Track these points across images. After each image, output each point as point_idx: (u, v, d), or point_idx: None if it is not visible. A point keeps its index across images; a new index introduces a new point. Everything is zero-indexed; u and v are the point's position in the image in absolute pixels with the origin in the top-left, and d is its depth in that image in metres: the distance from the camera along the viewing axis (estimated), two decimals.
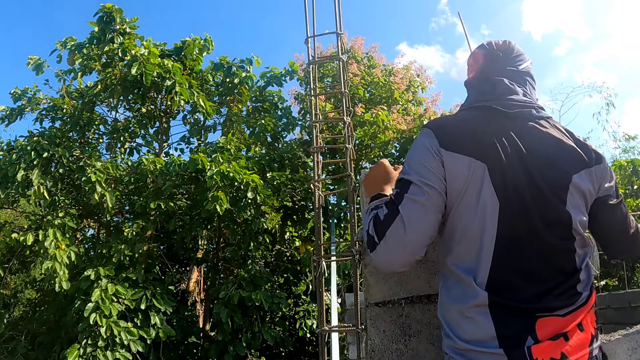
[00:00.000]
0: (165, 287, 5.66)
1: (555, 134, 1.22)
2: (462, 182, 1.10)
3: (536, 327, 1.04)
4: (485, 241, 1.08)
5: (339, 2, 1.98)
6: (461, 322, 1.08)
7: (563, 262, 1.12)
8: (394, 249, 1.11)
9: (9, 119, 6.62)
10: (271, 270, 7.18)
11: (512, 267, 1.08)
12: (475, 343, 1.05)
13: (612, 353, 1.85)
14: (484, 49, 1.35)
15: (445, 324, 1.14)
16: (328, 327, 3.35)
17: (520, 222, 1.09)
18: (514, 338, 1.03)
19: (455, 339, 1.09)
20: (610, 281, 7.71)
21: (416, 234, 1.09)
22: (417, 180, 1.11)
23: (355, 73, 8.04)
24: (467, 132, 1.15)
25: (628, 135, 12.88)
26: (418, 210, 1.10)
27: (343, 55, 1.98)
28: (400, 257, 1.12)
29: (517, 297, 1.06)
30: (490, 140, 1.13)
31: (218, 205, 5.30)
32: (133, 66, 5.67)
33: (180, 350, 6.07)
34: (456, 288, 1.12)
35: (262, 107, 7.36)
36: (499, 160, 1.11)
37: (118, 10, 6.08)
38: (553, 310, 1.07)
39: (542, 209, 1.11)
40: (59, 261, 5.08)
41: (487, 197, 1.09)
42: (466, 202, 1.10)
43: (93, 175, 5.43)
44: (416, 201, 1.10)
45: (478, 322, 1.06)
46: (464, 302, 1.08)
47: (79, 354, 4.67)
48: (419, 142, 1.18)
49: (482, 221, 1.08)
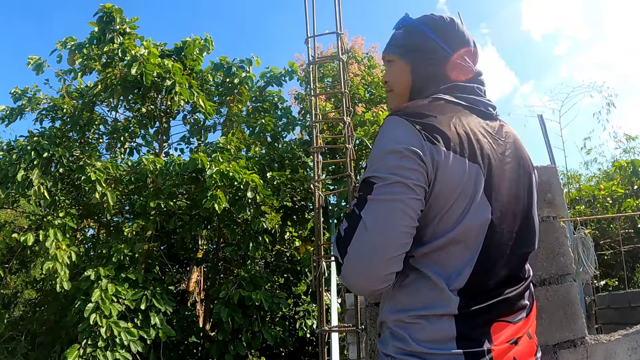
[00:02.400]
0: (165, 287, 5.66)
1: (513, 135, 1.18)
2: (454, 185, 0.98)
3: (491, 331, 1.00)
4: (472, 251, 1.00)
5: (339, 2, 1.98)
6: (421, 322, 0.99)
7: (521, 270, 1.10)
8: (359, 265, 0.95)
9: (9, 118, 6.62)
10: (271, 270, 7.18)
11: (486, 275, 1.01)
12: (432, 344, 0.98)
13: (612, 353, 1.86)
14: None
15: (396, 326, 1.03)
16: (328, 327, 3.35)
17: (504, 230, 1.03)
18: (472, 339, 0.98)
19: (408, 340, 0.99)
20: (610, 281, 7.71)
21: (386, 239, 0.93)
22: (384, 177, 0.96)
23: (356, 73, 8.04)
24: (453, 127, 1.02)
25: (628, 136, 12.88)
26: (386, 210, 0.94)
27: (343, 55, 1.98)
28: (371, 272, 0.94)
29: (484, 299, 1.01)
30: (475, 139, 1.04)
31: (216, 204, 5.30)
32: (133, 66, 5.67)
33: (180, 351, 6.07)
34: (424, 293, 1.01)
35: (262, 107, 7.36)
36: (488, 162, 1.03)
37: (118, 10, 6.08)
38: (507, 316, 1.04)
39: (521, 216, 1.08)
40: (59, 261, 5.08)
41: (480, 204, 0.99)
42: (457, 209, 0.99)
43: (93, 174, 5.43)
44: (383, 200, 0.94)
45: (439, 323, 0.98)
46: (431, 308, 0.99)
47: (79, 354, 4.67)
48: (405, 138, 1.00)
49: (473, 230, 0.99)
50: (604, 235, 7.68)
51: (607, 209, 7.89)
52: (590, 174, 13.26)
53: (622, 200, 7.75)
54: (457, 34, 1.20)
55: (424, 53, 1.21)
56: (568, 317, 1.79)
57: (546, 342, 1.74)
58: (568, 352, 1.76)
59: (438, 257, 1.01)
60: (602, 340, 1.86)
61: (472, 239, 1.01)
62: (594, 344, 1.82)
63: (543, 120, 6.36)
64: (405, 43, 1.24)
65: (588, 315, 5.46)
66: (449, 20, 1.22)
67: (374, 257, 0.93)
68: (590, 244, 4.14)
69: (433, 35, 1.20)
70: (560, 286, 1.81)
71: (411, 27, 1.23)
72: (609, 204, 7.95)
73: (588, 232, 4.38)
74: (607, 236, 7.66)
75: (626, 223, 7.54)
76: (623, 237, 7.19)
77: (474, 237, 1.01)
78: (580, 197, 8.29)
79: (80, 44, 6.26)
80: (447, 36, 1.19)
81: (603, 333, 3.25)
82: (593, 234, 7.38)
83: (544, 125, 6.24)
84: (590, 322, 5.51)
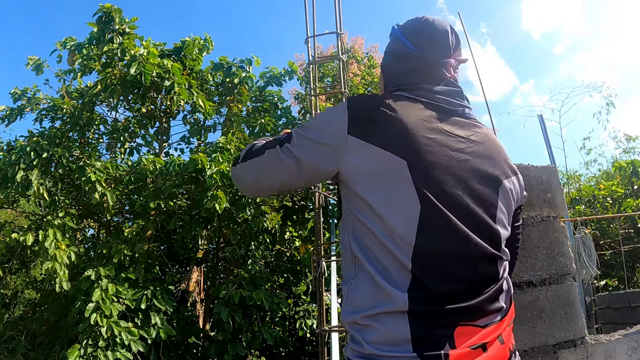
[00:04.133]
0: (165, 287, 5.66)
1: (484, 135, 1.16)
2: (373, 174, 1.02)
3: (454, 335, 0.97)
4: (404, 244, 0.99)
5: (339, 2, 1.98)
6: (373, 324, 0.99)
7: (487, 270, 1.06)
8: (246, 175, 1.19)
9: (8, 119, 6.61)
10: (271, 270, 7.18)
11: (432, 272, 0.99)
12: (386, 347, 0.96)
13: (612, 353, 1.86)
14: None
15: (352, 329, 1.03)
16: (328, 327, 3.35)
17: (443, 226, 1.01)
18: (430, 342, 0.95)
19: (362, 343, 0.98)
20: (610, 281, 7.71)
21: (264, 181, 1.16)
22: (299, 142, 1.10)
23: (356, 73, 8.05)
24: (391, 121, 1.05)
25: (628, 136, 12.89)
26: (277, 164, 1.12)
27: (343, 55, 1.98)
28: (247, 186, 1.21)
29: (439, 301, 0.98)
30: (417, 135, 1.04)
31: (217, 204, 5.31)
32: (132, 66, 5.67)
33: (180, 350, 6.07)
34: (371, 292, 1.01)
35: (262, 107, 7.36)
36: (424, 157, 1.03)
37: (117, 10, 6.07)
38: (474, 320, 1.00)
39: (470, 213, 1.05)
40: (59, 261, 5.08)
41: (406, 197, 1.00)
42: (380, 198, 1.01)
43: (93, 175, 5.43)
44: (280, 155, 1.11)
45: (391, 325, 0.97)
46: (379, 306, 0.99)
47: (79, 354, 4.67)
48: (329, 114, 1.12)
49: (399, 223, 1.00)
50: (604, 235, 7.68)
51: (607, 209, 7.89)
52: (590, 174, 13.28)
53: (622, 200, 7.75)
54: (432, 35, 1.21)
55: (392, 54, 1.26)
56: (568, 317, 1.79)
57: (546, 341, 1.74)
58: (568, 352, 1.76)
59: (374, 254, 1.02)
60: (602, 340, 1.86)
61: (398, 236, 0.99)
62: (594, 344, 1.82)
63: (543, 120, 6.37)
64: (385, 50, 1.31)
65: (588, 315, 5.46)
66: (426, 20, 1.23)
67: (249, 185, 1.20)
68: (591, 244, 4.13)
69: (401, 36, 1.24)
70: (560, 286, 1.81)
71: (391, 34, 1.29)
72: (609, 204, 7.95)
73: (588, 232, 4.37)
74: (607, 236, 7.66)
75: (626, 223, 7.54)
76: (623, 237, 7.19)
77: (402, 234, 0.99)
78: (580, 197, 8.29)
79: (79, 44, 6.26)
80: (417, 36, 1.21)
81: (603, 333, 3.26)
82: (593, 234, 7.38)
83: (544, 125, 6.25)
84: (590, 322, 5.52)
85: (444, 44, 1.21)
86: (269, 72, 7.40)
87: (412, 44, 1.21)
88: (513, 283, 1.75)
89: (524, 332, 1.72)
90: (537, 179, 1.88)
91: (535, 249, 1.82)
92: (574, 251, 3.99)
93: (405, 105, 1.10)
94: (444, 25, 1.22)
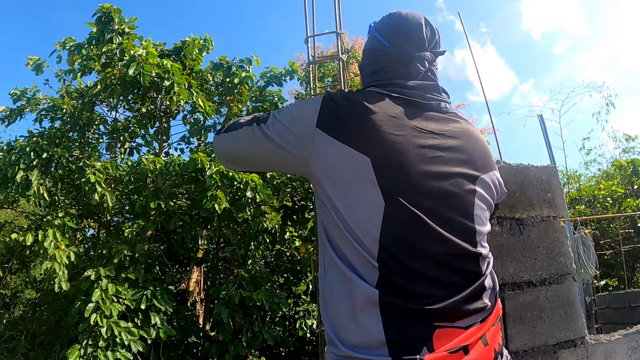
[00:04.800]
0: (165, 287, 5.65)
1: (462, 130, 1.14)
2: (337, 170, 1.02)
3: (434, 338, 0.93)
4: (368, 241, 0.98)
5: (338, 2, 1.98)
6: (347, 324, 0.96)
7: (463, 268, 1.02)
8: (222, 147, 1.25)
9: (8, 119, 6.61)
10: (271, 270, 7.17)
11: (400, 270, 0.96)
12: (361, 349, 0.93)
13: (612, 353, 1.86)
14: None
15: (329, 327, 1.01)
16: None
17: (410, 224, 0.99)
18: (407, 346, 0.92)
19: (338, 344, 0.96)
20: (610, 281, 7.71)
21: (239, 153, 1.20)
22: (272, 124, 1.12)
23: (356, 73, 8.04)
24: (358, 117, 1.05)
25: (628, 136, 12.89)
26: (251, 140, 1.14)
27: (343, 55, 1.98)
28: (223, 155, 1.26)
29: (413, 301, 0.95)
30: (383, 132, 1.03)
31: (217, 205, 5.30)
32: (131, 67, 5.66)
33: (180, 350, 6.07)
34: (341, 285, 1.00)
35: (262, 107, 7.35)
36: (389, 155, 1.01)
37: (116, 11, 6.07)
38: (453, 321, 0.97)
39: (441, 210, 1.02)
40: (58, 261, 5.08)
41: (369, 193, 0.99)
42: (345, 194, 1.01)
43: (92, 175, 5.43)
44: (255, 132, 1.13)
45: (365, 325, 0.94)
46: (350, 301, 0.96)
47: (79, 354, 4.67)
48: (305, 104, 1.14)
49: (363, 219, 0.99)
50: (604, 235, 7.68)
51: (607, 209, 7.88)
52: (590, 174, 13.28)
53: (622, 200, 7.75)
54: (406, 29, 1.20)
55: (369, 52, 1.26)
56: (568, 317, 1.79)
57: (546, 341, 1.74)
58: (568, 352, 1.76)
59: (341, 249, 1.01)
60: (602, 340, 1.86)
61: (363, 233, 0.98)
62: (594, 344, 1.82)
63: (543, 120, 6.37)
64: (363, 49, 1.31)
65: (588, 315, 5.46)
66: (399, 15, 1.22)
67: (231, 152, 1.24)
68: (591, 244, 4.13)
69: (376, 33, 1.24)
70: (560, 286, 1.81)
71: (368, 32, 1.30)
72: (609, 204, 7.95)
73: (588, 232, 4.38)
74: (607, 236, 7.66)
75: (626, 223, 7.53)
76: (623, 237, 7.19)
77: (366, 231, 0.98)
78: (580, 197, 8.29)
79: (79, 44, 6.25)
80: (391, 32, 1.21)
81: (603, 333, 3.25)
82: (593, 234, 7.38)
83: (544, 125, 6.25)
84: (590, 322, 5.51)
85: (418, 38, 1.19)
86: (270, 72, 7.40)
87: (386, 41, 1.21)
88: (513, 283, 1.75)
89: (524, 332, 1.72)
90: (537, 179, 1.88)
91: (535, 249, 1.82)
92: (573, 251, 3.99)
93: (375, 101, 1.09)
94: (418, 19, 1.20)
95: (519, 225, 1.81)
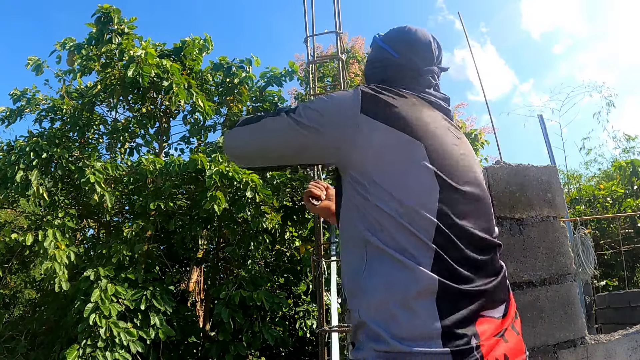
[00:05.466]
0: (165, 287, 5.65)
1: (464, 138, 1.23)
2: (386, 154, 1.02)
3: (476, 325, 0.94)
4: (425, 222, 0.98)
5: (338, 1, 1.98)
6: (398, 314, 0.92)
7: (495, 257, 1.08)
8: (241, 136, 1.17)
9: (8, 119, 6.61)
10: (271, 270, 7.17)
11: (458, 255, 0.98)
12: (413, 342, 0.90)
13: (612, 353, 1.85)
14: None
15: (372, 321, 0.95)
16: (328, 327, 3.34)
17: (460, 210, 1.02)
18: (459, 336, 0.91)
19: (387, 339, 0.91)
20: (610, 281, 7.71)
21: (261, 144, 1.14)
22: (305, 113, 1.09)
23: (356, 73, 8.04)
24: (404, 106, 1.08)
25: (628, 136, 12.88)
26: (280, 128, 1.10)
27: (342, 55, 1.98)
28: (234, 150, 1.19)
29: (465, 287, 0.96)
30: (427, 123, 1.08)
31: (216, 205, 5.30)
32: (130, 67, 5.66)
33: (180, 351, 6.06)
34: (390, 271, 0.96)
35: (262, 107, 7.35)
36: (438, 144, 1.06)
37: (116, 11, 6.07)
38: (491, 309, 1.00)
39: (478, 199, 1.08)
40: (58, 261, 5.07)
41: (424, 178, 1.01)
42: (396, 178, 1.01)
43: (92, 176, 5.43)
44: (284, 119, 1.10)
45: (421, 313, 0.91)
46: (403, 287, 0.93)
47: (78, 354, 4.66)
48: (341, 94, 1.12)
49: (420, 202, 0.99)
50: (604, 235, 7.68)
51: (607, 209, 7.88)
52: (590, 174, 13.27)
53: (622, 200, 7.75)
54: (415, 44, 1.25)
55: (376, 62, 1.29)
56: (568, 317, 1.78)
57: (546, 341, 1.73)
58: (568, 352, 1.76)
59: (393, 236, 0.99)
60: (602, 340, 1.86)
61: (419, 216, 0.98)
62: (594, 344, 1.82)
63: (543, 120, 6.37)
64: (367, 60, 1.35)
65: (588, 315, 5.45)
66: (409, 30, 1.28)
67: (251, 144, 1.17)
68: (590, 244, 4.13)
69: (384, 44, 1.28)
70: (560, 286, 1.81)
71: (372, 44, 1.34)
72: (609, 204, 7.95)
73: (588, 232, 4.38)
74: (607, 236, 7.65)
75: (626, 223, 7.53)
76: (623, 237, 7.19)
77: (422, 214, 0.98)
78: (580, 197, 8.29)
79: (79, 44, 6.25)
80: (401, 45, 1.26)
81: (603, 333, 3.25)
82: (593, 234, 7.38)
83: (544, 125, 6.25)
84: (590, 322, 5.51)
85: (428, 53, 1.25)
86: (270, 72, 7.40)
87: (395, 52, 1.24)
88: (513, 283, 1.75)
89: (524, 332, 1.72)
90: (537, 179, 1.88)
91: (535, 249, 1.82)
92: (572, 251, 3.98)
93: (408, 96, 1.14)
94: (427, 36, 1.26)
95: (519, 225, 1.81)
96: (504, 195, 1.77)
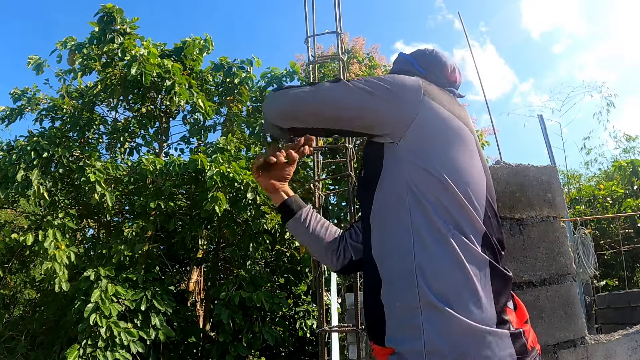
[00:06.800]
0: (165, 287, 5.65)
1: None
2: (447, 134, 1.06)
3: (507, 313, 0.99)
4: (480, 201, 1.05)
5: (338, 1, 1.98)
6: (463, 295, 0.93)
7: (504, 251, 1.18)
8: (287, 97, 1.13)
9: (8, 119, 6.61)
10: (271, 271, 7.17)
11: (500, 236, 1.08)
12: (482, 323, 0.93)
13: (612, 353, 1.85)
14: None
15: (444, 302, 0.92)
16: (328, 327, 3.34)
17: (494, 200, 1.12)
18: (504, 320, 0.97)
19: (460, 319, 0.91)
20: (610, 281, 7.71)
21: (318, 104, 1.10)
22: (371, 84, 1.09)
23: (357, 73, 8.04)
24: (450, 100, 1.15)
25: (628, 136, 12.88)
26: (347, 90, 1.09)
27: (343, 55, 1.98)
28: (284, 104, 1.13)
29: (505, 268, 1.04)
30: (464, 116, 1.15)
31: (217, 206, 5.30)
32: (132, 66, 5.67)
33: (180, 351, 6.06)
34: (450, 250, 0.96)
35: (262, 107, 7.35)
36: (475, 138, 1.14)
37: (118, 11, 6.08)
38: (510, 299, 1.07)
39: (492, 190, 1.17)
40: (58, 261, 5.07)
41: (476, 161, 1.09)
42: (455, 158, 1.05)
43: (92, 175, 5.43)
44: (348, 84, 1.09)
45: (482, 294, 0.94)
46: (463, 267, 0.95)
47: (78, 354, 4.66)
48: (402, 76, 1.14)
49: (477, 182, 1.06)
50: (604, 235, 7.68)
51: (607, 209, 7.88)
52: (590, 174, 13.26)
53: (622, 200, 7.75)
54: (441, 64, 1.33)
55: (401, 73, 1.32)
56: (568, 317, 1.79)
57: (546, 342, 1.74)
58: (568, 352, 1.76)
59: (447, 208, 1.01)
60: (602, 340, 1.86)
61: (475, 191, 1.05)
62: (594, 344, 1.82)
63: (543, 120, 6.37)
64: (391, 71, 1.39)
65: (588, 315, 5.45)
66: (437, 52, 1.37)
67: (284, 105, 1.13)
68: (590, 244, 4.13)
69: (411, 59, 1.35)
70: (560, 286, 1.81)
71: (396, 60, 1.41)
72: (609, 204, 7.95)
73: (588, 232, 4.38)
74: (607, 236, 7.66)
75: (626, 223, 7.53)
76: (623, 237, 7.19)
77: (478, 190, 1.06)
78: (580, 197, 8.29)
79: (80, 44, 6.26)
80: (427, 63, 1.33)
81: (603, 333, 3.25)
82: (593, 234, 7.38)
83: (544, 125, 6.25)
84: (590, 322, 5.51)
85: (453, 76, 1.32)
86: (270, 73, 7.40)
87: (422, 68, 1.31)
88: (513, 283, 1.75)
89: None
90: (537, 179, 1.88)
91: (535, 249, 1.82)
92: (572, 251, 3.99)
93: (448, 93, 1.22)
94: (451, 60, 1.34)
95: (519, 225, 1.81)
96: (504, 195, 1.77)
